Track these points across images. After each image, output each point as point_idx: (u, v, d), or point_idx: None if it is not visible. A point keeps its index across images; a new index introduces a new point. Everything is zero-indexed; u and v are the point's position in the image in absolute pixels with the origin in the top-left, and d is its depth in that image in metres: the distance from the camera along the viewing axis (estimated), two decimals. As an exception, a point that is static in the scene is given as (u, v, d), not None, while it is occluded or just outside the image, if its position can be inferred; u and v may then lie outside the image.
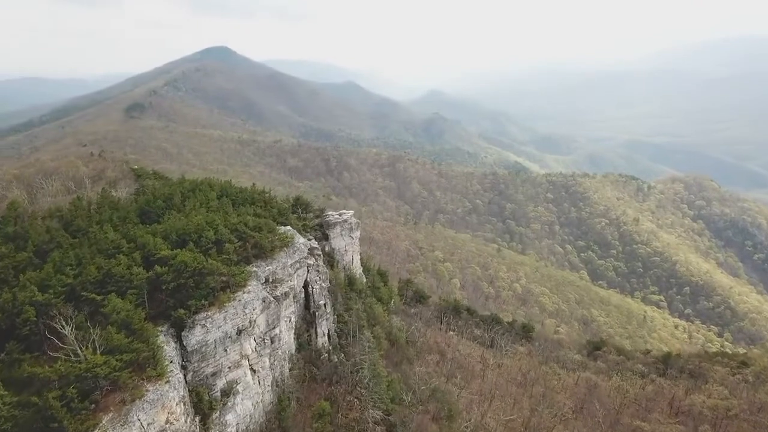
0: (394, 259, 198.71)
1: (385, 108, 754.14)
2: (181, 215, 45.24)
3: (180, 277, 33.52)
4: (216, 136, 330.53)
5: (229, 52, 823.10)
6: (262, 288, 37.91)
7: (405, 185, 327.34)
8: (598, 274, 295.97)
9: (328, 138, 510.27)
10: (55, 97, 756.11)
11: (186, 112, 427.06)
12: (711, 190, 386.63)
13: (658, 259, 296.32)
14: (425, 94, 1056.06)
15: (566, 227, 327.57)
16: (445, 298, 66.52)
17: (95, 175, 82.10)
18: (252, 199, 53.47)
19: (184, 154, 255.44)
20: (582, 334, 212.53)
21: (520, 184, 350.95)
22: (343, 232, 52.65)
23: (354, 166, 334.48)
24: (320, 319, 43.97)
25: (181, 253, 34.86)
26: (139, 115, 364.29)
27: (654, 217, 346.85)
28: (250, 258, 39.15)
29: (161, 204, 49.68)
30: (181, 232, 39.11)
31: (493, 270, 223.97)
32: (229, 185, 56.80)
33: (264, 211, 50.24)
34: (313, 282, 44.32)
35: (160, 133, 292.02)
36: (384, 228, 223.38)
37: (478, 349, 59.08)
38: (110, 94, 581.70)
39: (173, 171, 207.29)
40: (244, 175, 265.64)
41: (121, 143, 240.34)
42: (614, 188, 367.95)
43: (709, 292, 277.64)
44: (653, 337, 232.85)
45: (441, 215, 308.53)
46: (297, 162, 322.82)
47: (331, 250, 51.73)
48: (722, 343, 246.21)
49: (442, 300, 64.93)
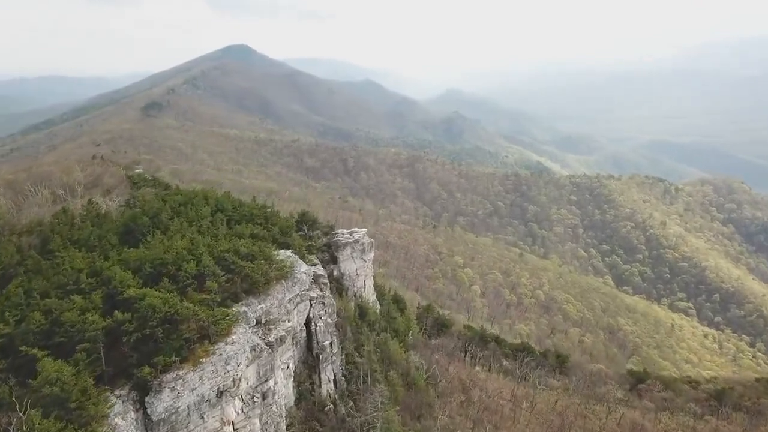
0: (411, 265, 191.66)
1: (403, 107, 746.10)
2: (165, 237, 38.70)
3: (146, 325, 26.88)
4: (232, 135, 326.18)
5: (248, 51, 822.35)
6: (253, 332, 31.17)
7: (424, 186, 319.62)
8: (623, 279, 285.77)
9: (346, 137, 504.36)
10: (78, 95, 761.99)
11: (203, 111, 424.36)
12: (742, 192, 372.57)
13: (687, 264, 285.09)
14: (443, 93, 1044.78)
15: (590, 230, 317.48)
16: (469, 325, 59.39)
17: (91, 182, 76.14)
18: (250, 215, 46.77)
19: (198, 154, 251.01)
20: (608, 343, 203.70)
21: (543, 186, 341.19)
22: (354, 254, 45.75)
23: (372, 166, 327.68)
24: (325, 363, 37.13)
25: (151, 294, 28.23)
26: (157, 114, 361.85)
27: (682, 221, 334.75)
28: (239, 294, 32.34)
29: (147, 221, 43.26)
30: (157, 262, 32.49)
31: (515, 276, 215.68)
32: (226, 198, 50.20)
33: (263, 231, 43.51)
34: (317, 318, 37.45)
35: (176, 133, 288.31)
36: (402, 231, 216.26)
37: (508, 384, 51.74)
38: (129, 92, 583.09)
39: (186, 171, 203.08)
40: (260, 175, 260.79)
41: (135, 142, 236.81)
42: (640, 190, 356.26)
43: (741, 300, 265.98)
44: (682, 347, 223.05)
45: (461, 217, 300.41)
46: (314, 162, 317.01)
47: (340, 275, 44.89)
48: (755, 353, 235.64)
49: (467, 328, 57.88)
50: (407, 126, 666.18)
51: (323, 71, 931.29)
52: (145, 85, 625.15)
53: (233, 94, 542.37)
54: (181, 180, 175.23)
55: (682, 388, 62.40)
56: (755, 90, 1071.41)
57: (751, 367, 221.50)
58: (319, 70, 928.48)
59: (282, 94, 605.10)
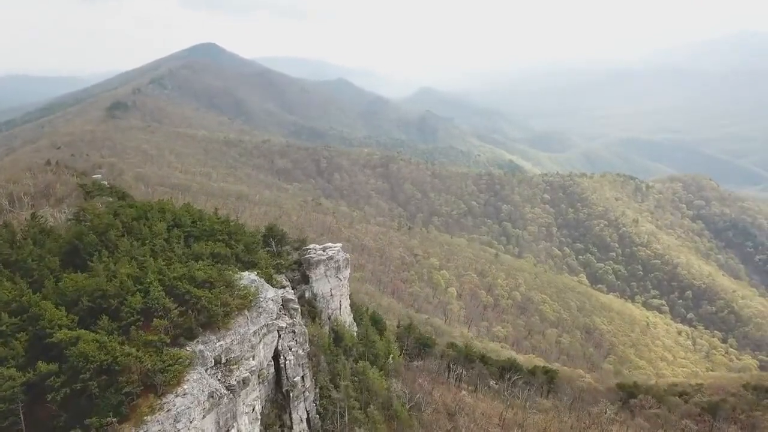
0: (387, 268, 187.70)
1: (377, 106, 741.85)
2: (112, 260, 33.94)
3: (77, 378, 22.33)
4: (200, 136, 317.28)
5: (216, 49, 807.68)
6: (211, 375, 26.76)
7: (398, 186, 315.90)
8: (597, 277, 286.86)
9: (319, 136, 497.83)
10: (44, 95, 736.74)
11: (171, 111, 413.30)
12: (710, 189, 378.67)
13: (659, 261, 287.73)
14: (417, 92, 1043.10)
15: (564, 229, 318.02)
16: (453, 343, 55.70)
17: (41, 191, 70.28)
18: (212, 230, 42.08)
19: (165, 156, 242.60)
20: (584, 343, 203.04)
21: (516, 185, 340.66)
22: (329, 273, 41.45)
23: (345, 167, 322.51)
24: (296, 401, 32.84)
25: (85, 337, 23.66)
26: (122, 115, 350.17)
27: (653, 218, 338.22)
28: (194, 330, 27.85)
29: (94, 240, 38.33)
30: (97, 294, 27.82)
31: (491, 277, 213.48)
32: (185, 211, 45.35)
33: (225, 249, 38.96)
34: (287, 351, 33.11)
35: (141, 134, 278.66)
36: (377, 234, 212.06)
37: (497, 408, 48.09)
38: (95, 92, 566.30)
39: (152, 175, 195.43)
40: (229, 177, 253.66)
41: (98, 145, 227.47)
42: (612, 188, 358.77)
43: (712, 296, 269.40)
44: (657, 344, 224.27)
45: (435, 218, 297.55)
46: (286, 163, 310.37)
47: (313, 297, 40.54)
48: (727, 349, 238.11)
49: (450, 347, 54.17)
50: (381, 125, 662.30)
51: (296, 70, 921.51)
52: (112, 84, 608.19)
53: (203, 93, 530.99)
54: (146, 184, 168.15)
55: (674, 402, 59.85)
56: (723, 88, 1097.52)
57: (723, 363, 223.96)
58: (292, 69, 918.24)
59: (254, 93, 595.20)
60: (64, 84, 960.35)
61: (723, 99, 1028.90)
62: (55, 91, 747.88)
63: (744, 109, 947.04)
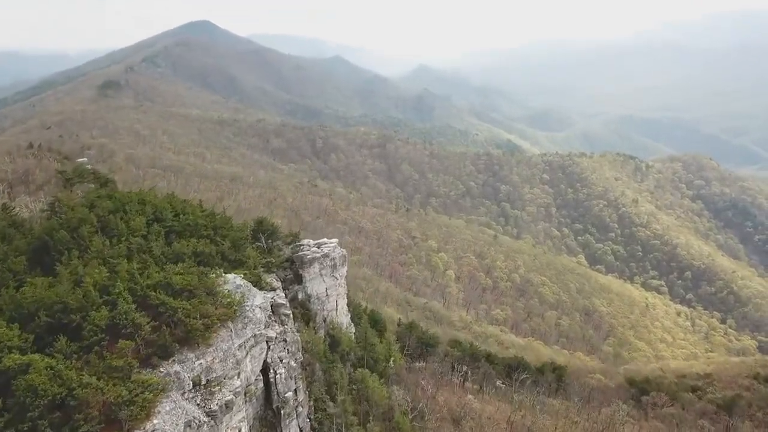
0: (385, 251, 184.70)
1: (373, 84, 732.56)
2: (81, 263, 30.27)
3: (24, 416, 18.87)
4: (194, 115, 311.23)
5: (211, 27, 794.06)
6: (188, 400, 23.36)
7: (395, 167, 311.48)
8: (597, 258, 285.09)
9: (314, 115, 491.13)
10: (36, 73, 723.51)
11: (164, 90, 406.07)
12: (710, 169, 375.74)
13: (658, 242, 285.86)
14: (414, 70, 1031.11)
15: (563, 209, 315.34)
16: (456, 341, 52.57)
17: (18, 177, 66.35)
18: (195, 225, 38.32)
19: (158, 137, 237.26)
20: (584, 325, 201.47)
21: (515, 165, 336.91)
22: (324, 272, 37.93)
23: (342, 147, 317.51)
24: (288, 419, 29.55)
25: (37, 364, 20.12)
26: (114, 94, 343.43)
27: (653, 198, 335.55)
28: (169, 348, 24.27)
29: (65, 236, 34.56)
30: (57, 307, 24.21)
31: (490, 259, 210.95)
32: (167, 203, 41.45)
33: (209, 246, 35.31)
34: (277, 363, 29.70)
35: (133, 113, 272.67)
36: (374, 216, 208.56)
37: (504, 409, 45.08)
38: (87, 70, 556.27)
39: (143, 156, 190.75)
40: (223, 158, 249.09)
41: (88, 125, 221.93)
42: (612, 168, 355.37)
43: (711, 277, 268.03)
44: (656, 326, 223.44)
45: (433, 198, 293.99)
46: (281, 143, 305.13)
47: (306, 298, 37.09)
48: (726, 329, 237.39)
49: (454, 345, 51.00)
50: (378, 103, 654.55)
51: (291, 48, 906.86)
52: (104, 62, 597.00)
53: (196, 71, 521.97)
54: (137, 166, 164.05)
55: (688, 399, 57.28)
56: (725, 65, 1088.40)
57: (722, 343, 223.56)
58: (286, 46, 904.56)
59: (248, 71, 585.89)
60: (56, 62, 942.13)
61: (723, 77, 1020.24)
62: (47, 70, 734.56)
63: (744, 87, 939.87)
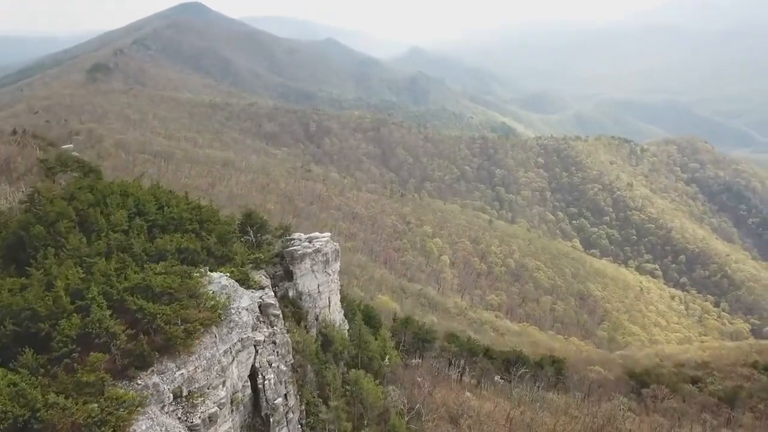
0: (379, 237, 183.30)
1: (366, 67, 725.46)
2: (56, 262, 28.26)
3: (-18, 442, 17.00)
4: (185, 99, 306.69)
5: (202, 8, 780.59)
6: (169, 414, 21.56)
7: (390, 151, 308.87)
8: (591, 242, 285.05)
9: (308, 98, 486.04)
10: (24, 56, 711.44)
11: (155, 73, 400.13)
12: (705, 152, 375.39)
13: (653, 226, 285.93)
14: (407, 52, 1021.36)
15: (558, 193, 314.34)
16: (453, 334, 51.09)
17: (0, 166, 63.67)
18: (180, 218, 36.26)
19: (148, 121, 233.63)
20: (579, 310, 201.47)
21: (510, 149, 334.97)
22: (316, 267, 36.07)
23: (335, 130, 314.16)
24: (278, 426, 27.84)
25: (-1, 381, 18.23)
26: (103, 78, 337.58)
27: (647, 182, 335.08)
28: (147, 358, 22.38)
29: (41, 232, 32.49)
30: (24, 315, 22.24)
31: (485, 244, 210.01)
32: (151, 195, 39.24)
33: (194, 242, 33.35)
34: (266, 368, 27.92)
35: (123, 97, 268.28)
36: (369, 201, 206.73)
37: (502, 405, 43.77)
38: (76, 53, 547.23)
39: (133, 141, 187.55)
40: (215, 142, 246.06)
41: (77, 109, 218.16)
42: (607, 151, 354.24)
43: (705, 260, 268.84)
44: (650, 310, 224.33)
45: (428, 183, 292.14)
46: (274, 127, 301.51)
47: (297, 296, 35.27)
48: (719, 313, 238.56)
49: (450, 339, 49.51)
50: (371, 86, 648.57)
51: (284, 30, 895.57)
52: (93, 45, 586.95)
53: (188, 54, 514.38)
54: (126, 152, 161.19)
55: (688, 391, 56.35)
56: (719, 47, 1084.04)
57: (716, 327, 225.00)
58: (279, 29, 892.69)
59: (240, 54, 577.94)
60: (46, 45, 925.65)
61: (718, 59, 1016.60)
62: (36, 52, 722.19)
63: (739, 70, 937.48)
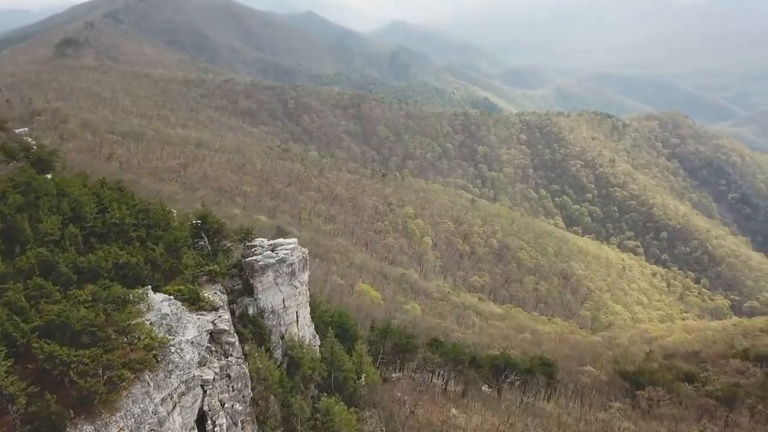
0: (360, 219, 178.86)
1: (347, 40, 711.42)
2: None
3: None
4: (158, 75, 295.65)
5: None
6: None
7: (371, 128, 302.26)
8: (573, 219, 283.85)
9: (287, 74, 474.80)
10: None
11: (127, 48, 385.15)
12: (686, 127, 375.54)
13: (635, 202, 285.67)
14: (388, 25, 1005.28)
15: (540, 170, 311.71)
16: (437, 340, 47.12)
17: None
18: (122, 224, 31.56)
19: (119, 99, 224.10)
20: (562, 290, 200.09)
21: (492, 125, 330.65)
22: (280, 280, 31.48)
23: (315, 107, 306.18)
24: (231, 478, 23.81)
25: None
26: (73, 53, 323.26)
27: (629, 157, 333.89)
28: (56, 423, 17.98)
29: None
30: None
31: (468, 225, 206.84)
32: (93, 195, 34.33)
33: (137, 254, 28.80)
34: (216, 411, 23.68)
35: (93, 74, 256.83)
36: (349, 182, 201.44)
37: (490, 418, 40.15)
38: (46, 26, 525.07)
39: (101, 121, 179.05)
40: (189, 121, 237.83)
41: (43, 87, 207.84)
42: (589, 127, 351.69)
43: (687, 237, 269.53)
44: (632, 288, 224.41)
45: (410, 161, 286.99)
46: (251, 104, 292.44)
47: (259, 313, 30.73)
48: (700, 289, 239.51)
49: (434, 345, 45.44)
50: (352, 61, 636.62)
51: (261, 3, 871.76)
52: (63, 18, 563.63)
53: (161, 28, 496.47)
54: (93, 132, 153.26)
55: (685, 393, 53.48)
56: (701, 20, 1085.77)
57: (697, 303, 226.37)
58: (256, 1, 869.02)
59: (217, 28, 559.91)
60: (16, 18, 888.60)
61: (698, 32, 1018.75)
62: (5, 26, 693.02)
63: (718, 43, 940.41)
